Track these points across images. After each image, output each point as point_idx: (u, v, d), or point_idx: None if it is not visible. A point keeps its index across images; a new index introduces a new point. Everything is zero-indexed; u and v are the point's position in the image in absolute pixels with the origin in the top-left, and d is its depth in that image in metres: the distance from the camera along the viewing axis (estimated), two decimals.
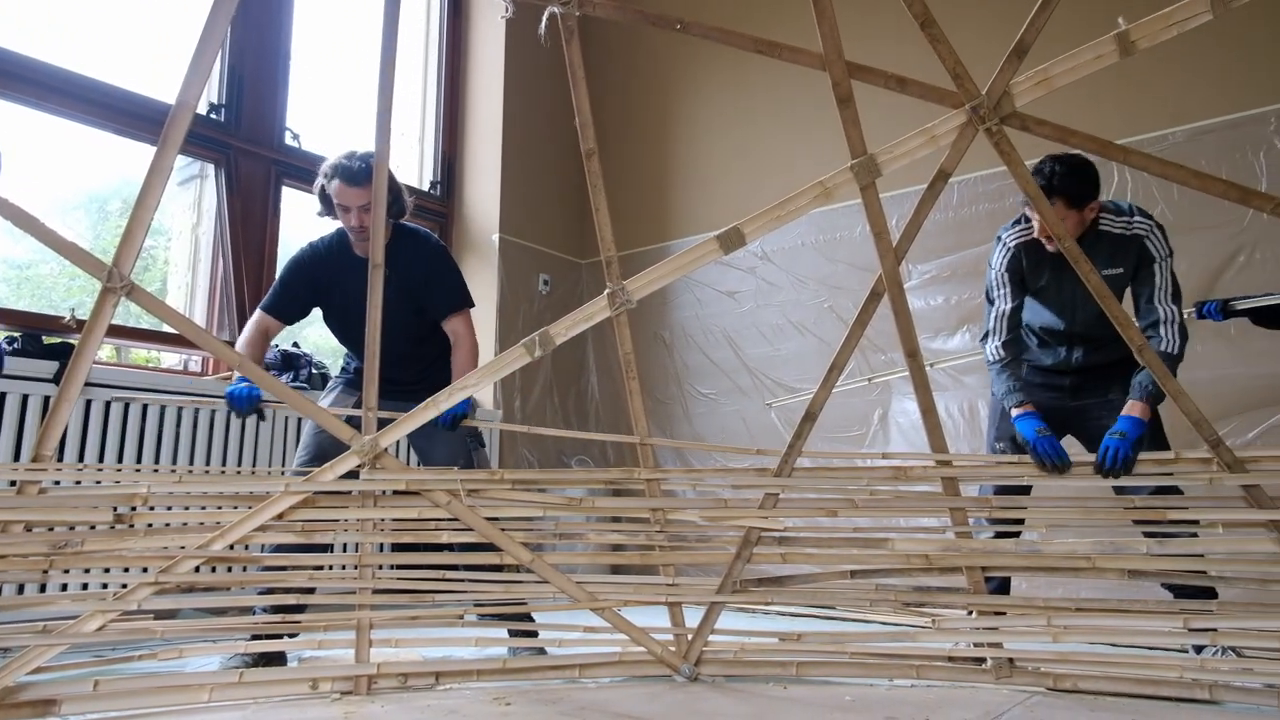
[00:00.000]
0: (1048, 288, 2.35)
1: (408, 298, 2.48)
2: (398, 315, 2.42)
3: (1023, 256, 2.33)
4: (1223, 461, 1.83)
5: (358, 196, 2.37)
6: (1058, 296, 2.34)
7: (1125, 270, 2.24)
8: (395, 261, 2.40)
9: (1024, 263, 2.33)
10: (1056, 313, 2.38)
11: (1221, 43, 3.17)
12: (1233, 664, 1.87)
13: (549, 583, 2.14)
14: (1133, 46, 1.70)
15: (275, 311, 2.51)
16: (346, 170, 2.38)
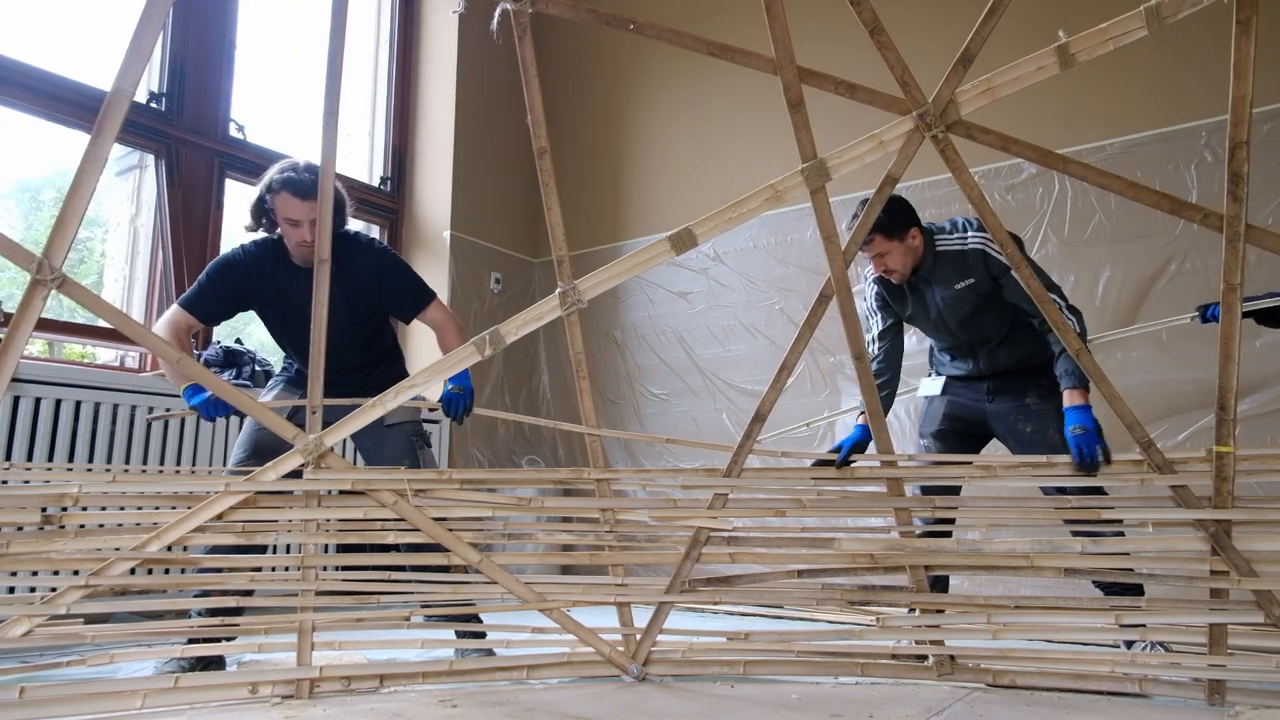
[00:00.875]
0: (915, 315, 2.50)
1: (355, 304, 2.44)
2: (345, 322, 2.41)
3: (885, 291, 2.52)
4: (1153, 463, 1.89)
5: (308, 210, 2.28)
6: (926, 320, 2.49)
7: (978, 280, 2.35)
8: (340, 268, 2.37)
9: (888, 296, 2.52)
10: (934, 333, 2.53)
11: (1157, 58, 3.28)
12: (1161, 659, 1.93)
13: (497, 583, 2.12)
14: (1072, 59, 1.75)
15: (195, 310, 2.39)
16: (295, 183, 2.29)
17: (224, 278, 2.41)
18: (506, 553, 3.16)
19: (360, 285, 2.43)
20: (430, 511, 2.10)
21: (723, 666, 2.14)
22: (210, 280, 2.41)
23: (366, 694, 1.97)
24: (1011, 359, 2.42)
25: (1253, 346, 3.04)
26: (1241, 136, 1.66)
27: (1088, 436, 2.03)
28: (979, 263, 2.34)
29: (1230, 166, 1.69)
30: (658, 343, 4.55)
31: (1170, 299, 3.27)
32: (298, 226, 2.31)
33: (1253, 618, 1.80)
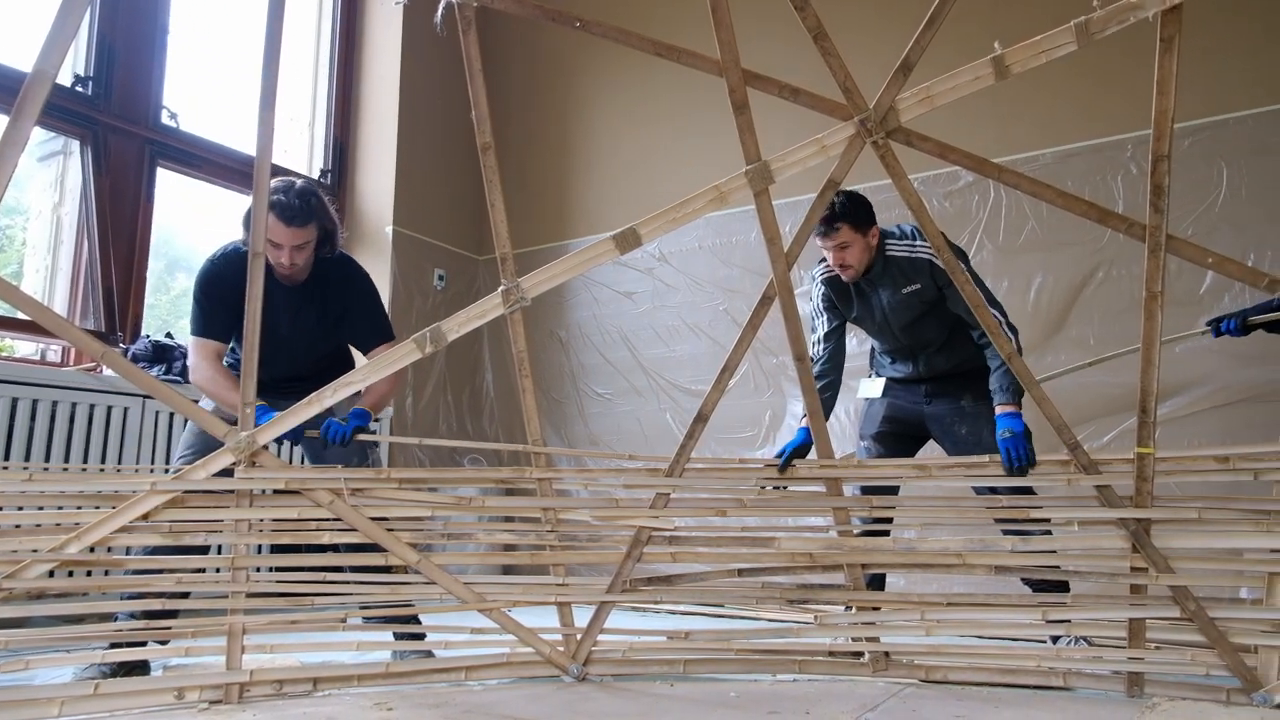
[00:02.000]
0: (860, 316, 2.55)
1: (325, 323, 2.41)
2: (312, 338, 2.39)
3: (832, 291, 2.56)
4: (1080, 464, 1.95)
5: (292, 236, 2.22)
6: (871, 322, 2.54)
7: (924, 286, 2.42)
8: (322, 288, 2.35)
9: (834, 296, 2.56)
10: (877, 335, 2.58)
11: (1088, 72, 3.40)
12: (1084, 653, 2.00)
13: (436, 584, 2.09)
14: (1007, 70, 1.80)
15: (214, 334, 2.32)
16: (284, 208, 2.21)
17: (218, 291, 2.30)
18: (447, 553, 3.12)
19: (336, 309, 2.40)
20: (368, 511, 2.06)
21: (663, 665, 2.15)
22: (208, 299, 2.31)
23: (299, 698, 1.92)
24: (949, 363, 2.48)
25: (1173, 352, 3.16)
26: (1163, 150, 1.73)
27: (1016, 440, 2.09)
28: (926, 271, 2.39)
29: (1152, 179, 1.76)
30: (602, 342, 4.54)
31: (1097, 305, 3.39)
32: (279, 249, 2.25)
33: (1169, 612, 1.87)
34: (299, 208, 2.20)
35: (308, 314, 2.37)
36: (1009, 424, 2.16)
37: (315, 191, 2.30)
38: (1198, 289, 3.20)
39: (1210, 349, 3.17)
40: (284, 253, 2.24)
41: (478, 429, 4.85)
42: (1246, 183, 3.20)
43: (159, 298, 4.12)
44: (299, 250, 2.26)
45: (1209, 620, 1.82)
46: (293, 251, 2.24)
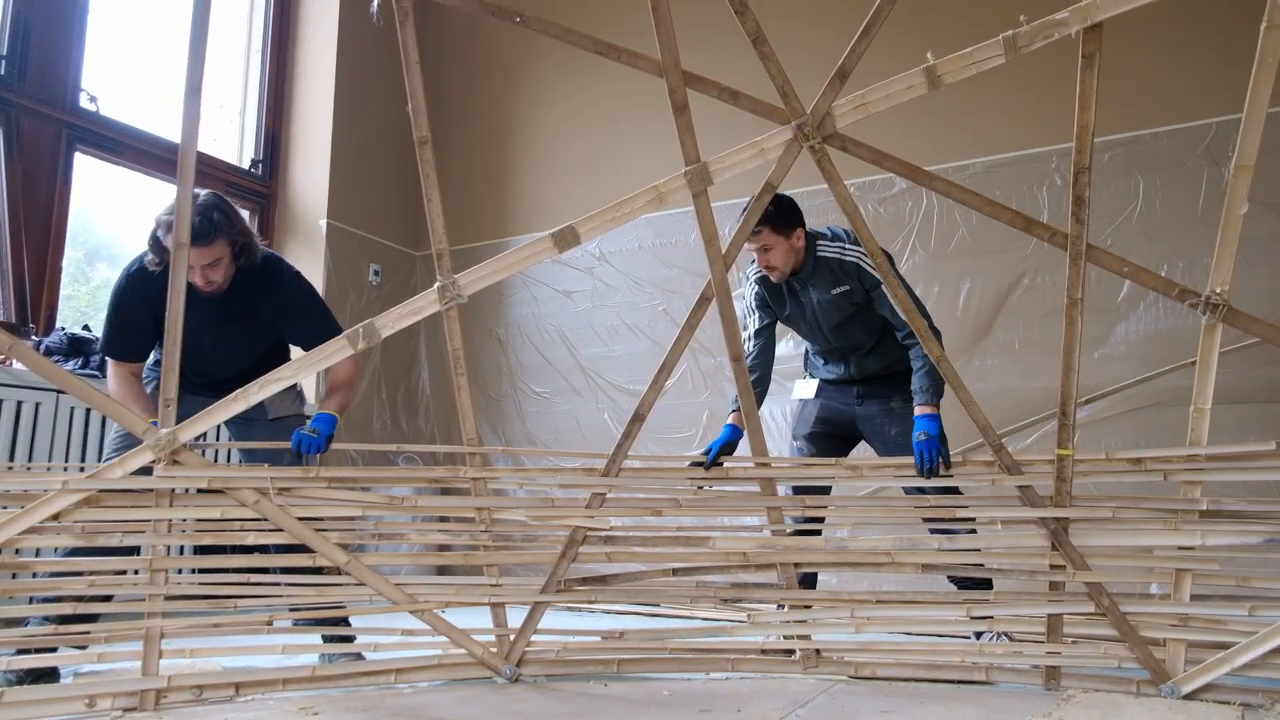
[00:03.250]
0: (792, 315, 2.59)
1: (255, 333, 2.34)
2: (239, 347, 2.32)
3: (765, 290, 2.59)
4: (1003, 464, 2.01)
5: (199, 256, 2.12)
6: (802, 321, 2.58)
7: (852, 289, 2.46)
8: (247, 296, 2.27)
9: (767, 295, 2.59)
10: (809, 336, 2.62)
11: (1018, 85, 3.51)
12: (1006, 648, 2.07)
13: (366, 585, 2.05)
14: (939, 80, 1.84)
15: (123, 355, 2.23)
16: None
17: (127, 314, 2.21)
18: (380, 553, 3.06)
19: (266, 315, 2.33)
20: (296, 511, 2.01)
21: (597, 665, 2.14)
22: (119, 317, 2.22)
23: (220, 704, 1.86)
24: (880, 365, 2.53)
25: (1092, 357, 3.29)
26: (1084, 163, 1.80)
27: (931, 443, 2.14)
28: (854, 273, 2.44)
29: (1074, 190, 1.82)
30: (541, 341, 4.52)
31: (1023, 311, 3.51)
32: (190, 270, 2.14)
33: (1085, 608, 1.94)
34: (200, 226, 2.07)
35: (232, 325, 2.30)
36: (925, 426, 2.22)
37: (218, 205, 2.17)
38: (1115, 297, 3.34)
39: (1125, 356, 3.31)
40: (196, 273, 2.15)
41: (413, 427, 4.78)
42: (1161, 196, 3.35)
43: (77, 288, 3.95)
44: (211, 268, 2.17)
45: (1121, 615, 1.90)
46: (205, 270, 2.16)
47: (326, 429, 2.17)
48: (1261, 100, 1.68)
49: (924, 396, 2.30)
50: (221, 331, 2.29)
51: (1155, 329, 3.29)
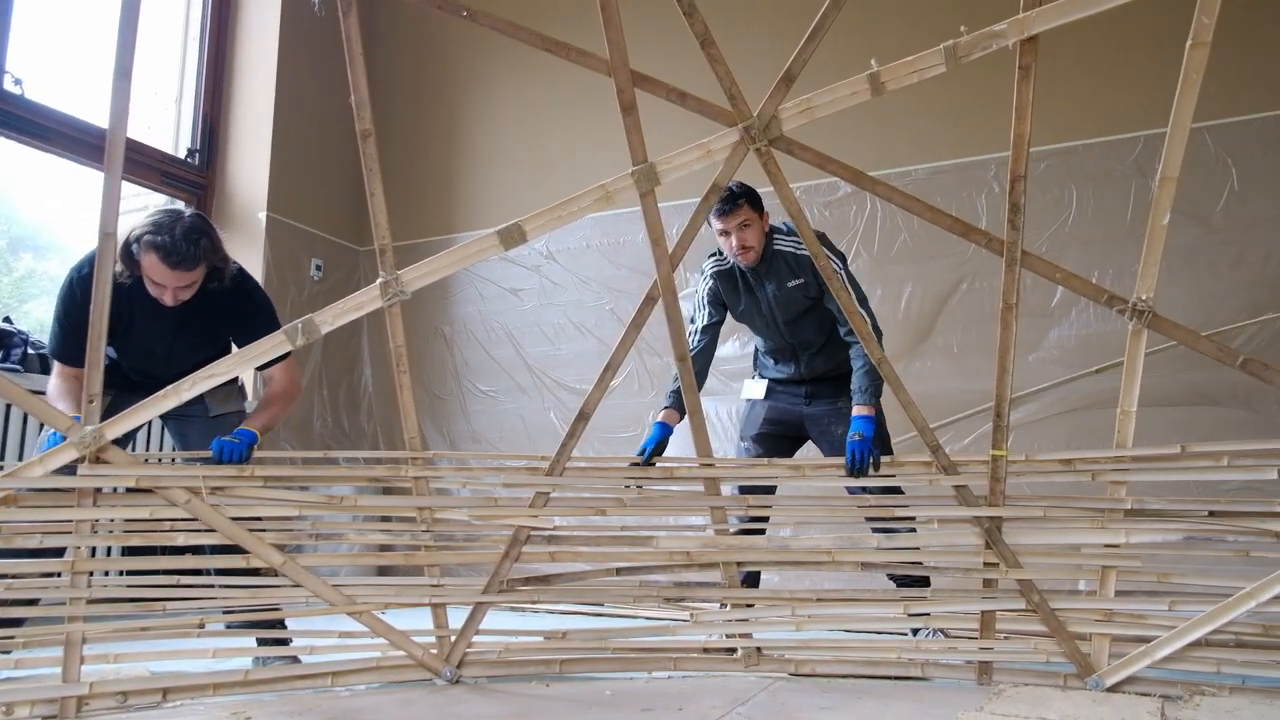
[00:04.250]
0: (747, 309, 2.60)
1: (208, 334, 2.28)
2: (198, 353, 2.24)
3: (719, 285, 2.60)
4: (940, 465, 2.06)
5: (176, 279, 2.07)
6: (757, 315, 2.59)
7: (807, 281, 2.50)
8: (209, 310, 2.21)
9: (721, 290, 2.60)
10: (763, 331, 2.63)
11: (959, 94, 3.59)
12: (941, 644, 2.11)
13: (302, 586, 2.00)
14: (883, 87, 1.87)
15: (70, 358, 2.12)
16: (169, 251, 2.04)
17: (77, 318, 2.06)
18: (320, 554, 3.00)
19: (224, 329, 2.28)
20: (230, 511, 1.96)
21: (539, 666, 2.13)
22: (69, 319, 2.12)
23: (146, 710, 1.80)
24: (829, 365, 2.56)
25: (1026, 361, 3.39)
26: (1020, 171, 1.85)
27: (863, 444, 2.18)
28: (809, 267, 2.46)
29: (1010, 197, 1.87)
30: (487, 339, 4.48)
31: (961, 315, 3.59)
32: (160, 288, 2.10)
33: (1016, 604, 2.00)
34: (186, 252, 2.04)
35: (190, 335, 2.24)
36: (861, 427, 2.26)
37: (205, 230, 2.12)
38: (1049, 303, 3.44)
39: (1058, 360, 3.42)
40: (167, 292, 2.10)
41: (355, 426, 4.69)
42: (1093, 205, 3.46)
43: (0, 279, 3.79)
44: (184, 289, 2.12)
45: (1050, 611, 1.96)
46: (176, 291, 2.11)
47: (249, 439, 2.08)
48: (1186, 116, 1.75)
49: (862, 397, 2.34)
50: (177, 340, 2.23)
51: (1087, 333, 3.40)
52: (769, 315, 2.55)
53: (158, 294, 2.12)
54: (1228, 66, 3.07)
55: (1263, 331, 3.14)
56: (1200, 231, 3.27)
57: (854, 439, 2.20)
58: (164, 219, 2.09)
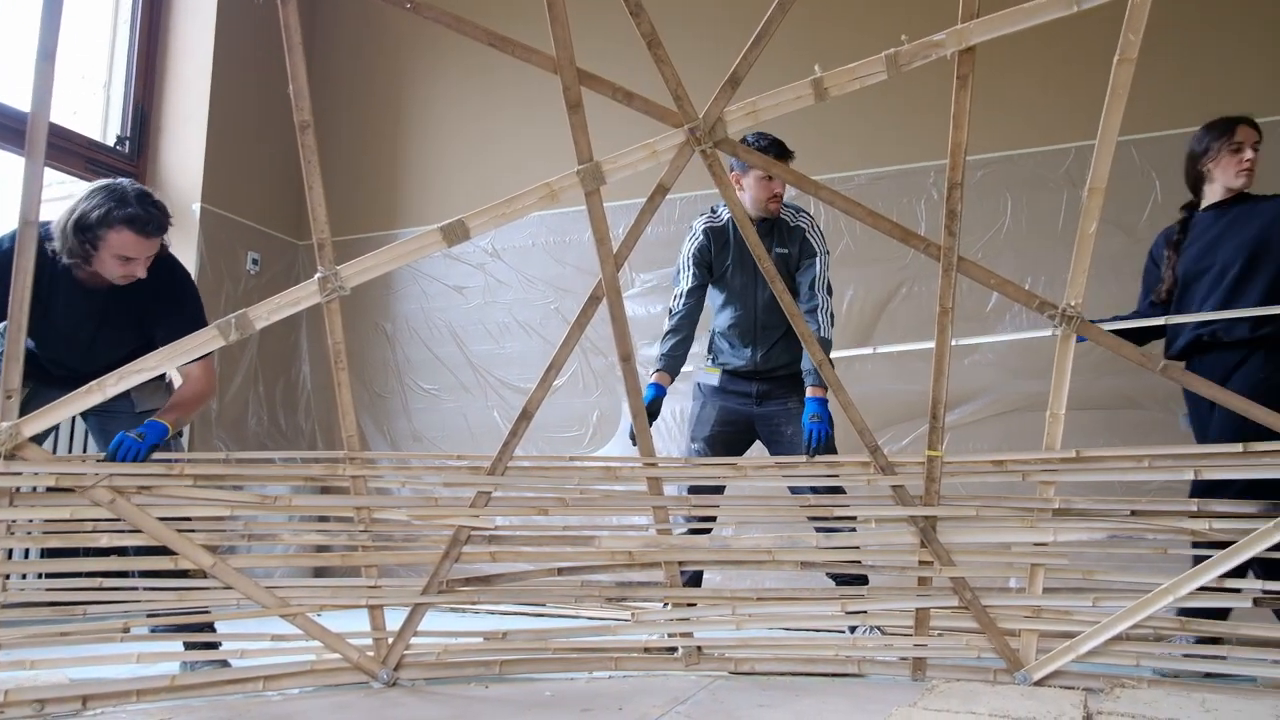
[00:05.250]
0: (731, 270, 2.61)
1: (138, 324, 2.19)
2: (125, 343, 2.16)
3: (710, 243, 2.60)
4: (878, 465, 2.10)
5: (149, 247, 2.03)
6: (739, 280, 2.60)
7: (791, 254, 2.56)
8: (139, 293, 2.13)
9: (710, 249, 2.61)
10: (739, 298, 2.62)
11: (901, 102, 3.66)
12: (877, 641, 2.15)
13: (233, 588, 1.95)
14: (826, 92, 1.90)
15: None
16: (143, 221, 2.00)
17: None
18: (254, 555, 2.92)
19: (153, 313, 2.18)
20: (157, 510, 1.89)
21: (479, 667, 2.11)
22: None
23: (65, 718, 1.73)
24: (783, 359, 2.58)
25: (962, 364, 3.47)
26: (957, 179, 1.89)
27: (820, 424, 2.22)
28: (798, 239, 2.53)
29: (947, 204, 1.92)
30: (430, 336, 4.42)
31: (901, 318, 3.66)
32: (130, 263, 2.03)
33: (950, 601, 2.04)
34: (155, 217, 2.03)
35: (118, 321, 2.16)
36: (816, 408, 2.30)
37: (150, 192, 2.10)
38: (984, 307, 3.53)
39: (991, 363, 3.51)
40: (137, 265, 2.04)
41: (292, 424, 4.58)
42: (1027, 213, 3.56)
43: None
44: (143, 263, 2.06)
45: (982, 608, 2.01)
46: (137, 264, 2.05)
47: (154, 438, 1.97)
48: (1113, 128, 1.81)
49: (814, 378, 2.38)
50: (101, 329, 2.15)
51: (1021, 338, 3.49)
52: (752, 282, 2.56)
53: (126, 271, 2.04)
54: (1155, 83, 3.19)
55: None
56: (1126, 241, 3.39)
57: (811, 419, 2.23)
58: (114, 192, 2.02)
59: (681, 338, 2.56)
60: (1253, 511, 1.84)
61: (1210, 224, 2.35)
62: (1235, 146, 2.31)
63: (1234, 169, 2.31)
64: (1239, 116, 2.36)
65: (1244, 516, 1.84)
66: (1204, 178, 2.39)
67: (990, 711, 1.65)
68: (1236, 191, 2.34)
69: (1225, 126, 2.34)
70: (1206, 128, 2.38)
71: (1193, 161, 2.41)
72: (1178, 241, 2.41)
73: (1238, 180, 2.32)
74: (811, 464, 2.19)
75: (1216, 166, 2.34)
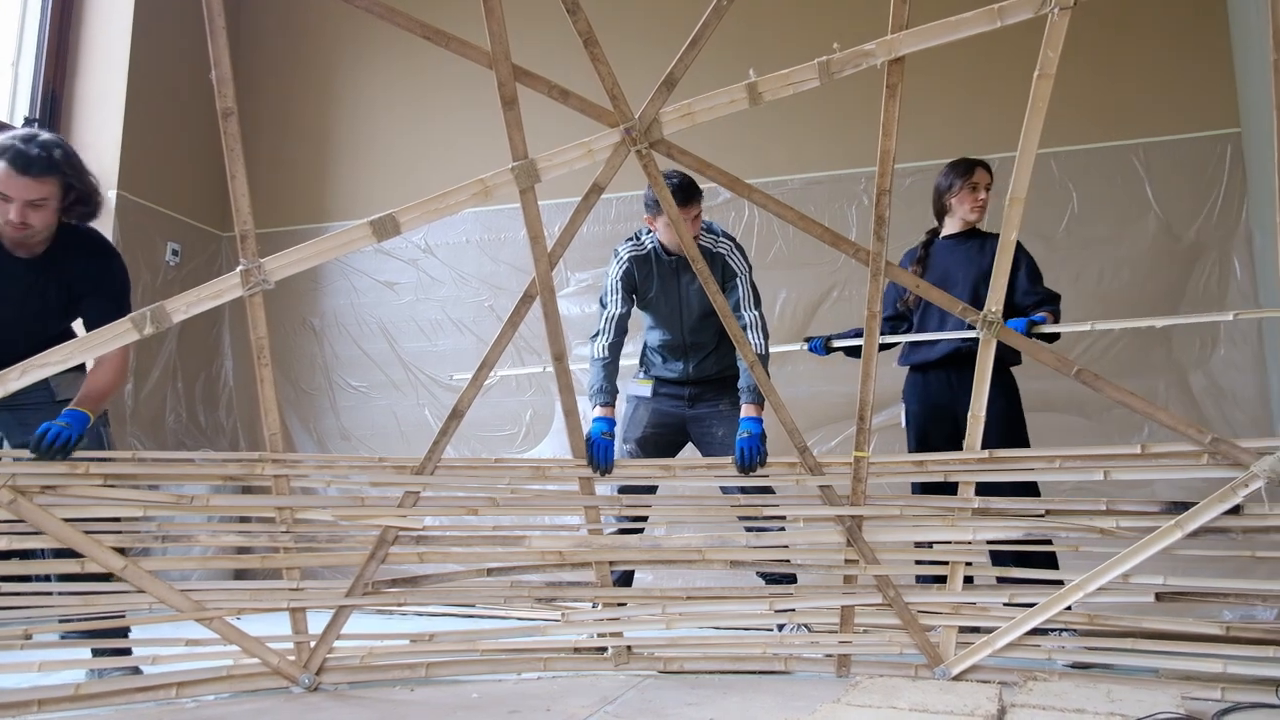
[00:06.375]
0: (657, 298, 2.62)
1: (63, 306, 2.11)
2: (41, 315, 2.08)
3: (635, 269, 2.60)
4: (807, 465, 2.13)
5: (25, 189, 1.92)
6: (665, 304, 2.62)
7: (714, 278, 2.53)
8: (66, 264, 2.06)
9: (635, 275, 2.60)
10: (666, 322, 2.64)
11: (835, 109, 3.74)
12: (804, 638, 2.19)
13: (145, 592, 1.87)
14: (760, 97, 1.93)
15: None
16: (20, 156, 1.91)
17: None
18: (170, 557, 2.81)
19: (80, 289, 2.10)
20: (63, 511, 1.81)
21: (404, 670, 2.07)
22: None
23: None
24: (716, 368, 2.61)
25: (890, 367, 3.55)
26: (885, 185, 1.94)
27: (752, 440, 2.24)
28: (720, 264, 2.52)
29: (876, 210, 1.96)
30: (360, 333, 4.32)
31: (832, 321, 3.73)
32: (7, 204, 1.92)
33: (875, 599, 2.09)
34: (38, 157, 1.92)
35: (43, 292, 2.07)
36: (749, 426, 2.31)
37: (65, 146, 2.02)
38: None
39: None
40: (13, 208, 1.93)
41: (213, 421, 4.43)
42: None
43: None
44: (34, 209, 1.95)
45: (904, 605, 2.06)
46: (25, 208, 1.94)
47: (80, 427, 1.89)
48: (1033, 141, 1.88)
49: (750, 396, 2.39)
50: (29, 295, 2.05)
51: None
52: (678, 307, 2.58)
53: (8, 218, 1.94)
54: (1074, 98, 3.33)
55: (1096, 344, 3.42)
56: (1045, 249, 3.51)
57: (743, 436, 2.25)
58: (21, 132, 1.98)
59: (615, 366, 2.53)
60: (1155, 510, 1.92)
61: (949, 250, 2.68)
62: (972, 186, 2.64)
63: (969, 205, 2.64)
64: (978, 160, 2.67)
65: (1148, 515, 1.93)
66: (946, 210, 2.70)
67: (911, 706, 1.69)
68: (971, 225, 2.66)
69: (966, 168, 2.66)
70: (951, 166, 2.69)
71: (938, 195, 2.72)
72: (921, 258, 2.71)
73: (972, 215, 2.65)
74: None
75: (957, 201, 2.66)
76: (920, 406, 2.65)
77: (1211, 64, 3.46)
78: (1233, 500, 1.82)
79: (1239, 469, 1.84)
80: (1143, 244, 3.47)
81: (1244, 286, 3.34)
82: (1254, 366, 3.29)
